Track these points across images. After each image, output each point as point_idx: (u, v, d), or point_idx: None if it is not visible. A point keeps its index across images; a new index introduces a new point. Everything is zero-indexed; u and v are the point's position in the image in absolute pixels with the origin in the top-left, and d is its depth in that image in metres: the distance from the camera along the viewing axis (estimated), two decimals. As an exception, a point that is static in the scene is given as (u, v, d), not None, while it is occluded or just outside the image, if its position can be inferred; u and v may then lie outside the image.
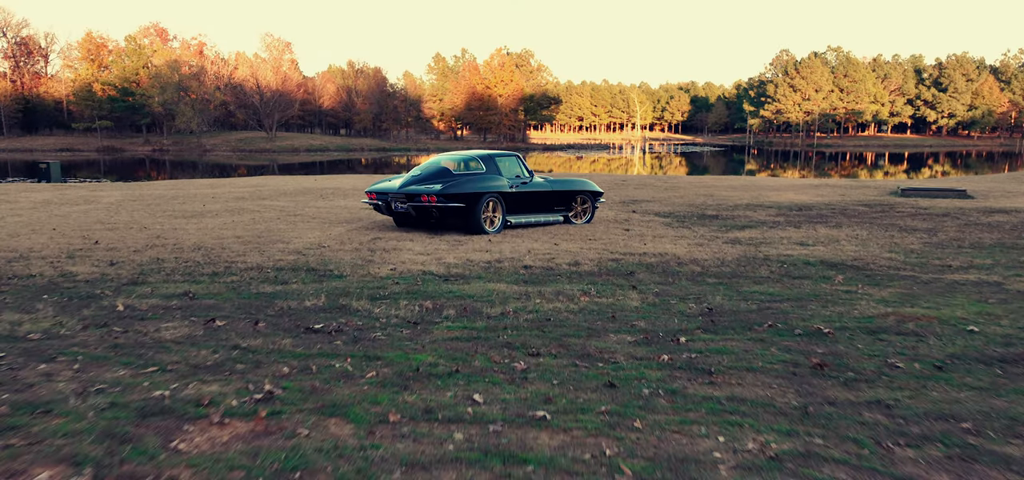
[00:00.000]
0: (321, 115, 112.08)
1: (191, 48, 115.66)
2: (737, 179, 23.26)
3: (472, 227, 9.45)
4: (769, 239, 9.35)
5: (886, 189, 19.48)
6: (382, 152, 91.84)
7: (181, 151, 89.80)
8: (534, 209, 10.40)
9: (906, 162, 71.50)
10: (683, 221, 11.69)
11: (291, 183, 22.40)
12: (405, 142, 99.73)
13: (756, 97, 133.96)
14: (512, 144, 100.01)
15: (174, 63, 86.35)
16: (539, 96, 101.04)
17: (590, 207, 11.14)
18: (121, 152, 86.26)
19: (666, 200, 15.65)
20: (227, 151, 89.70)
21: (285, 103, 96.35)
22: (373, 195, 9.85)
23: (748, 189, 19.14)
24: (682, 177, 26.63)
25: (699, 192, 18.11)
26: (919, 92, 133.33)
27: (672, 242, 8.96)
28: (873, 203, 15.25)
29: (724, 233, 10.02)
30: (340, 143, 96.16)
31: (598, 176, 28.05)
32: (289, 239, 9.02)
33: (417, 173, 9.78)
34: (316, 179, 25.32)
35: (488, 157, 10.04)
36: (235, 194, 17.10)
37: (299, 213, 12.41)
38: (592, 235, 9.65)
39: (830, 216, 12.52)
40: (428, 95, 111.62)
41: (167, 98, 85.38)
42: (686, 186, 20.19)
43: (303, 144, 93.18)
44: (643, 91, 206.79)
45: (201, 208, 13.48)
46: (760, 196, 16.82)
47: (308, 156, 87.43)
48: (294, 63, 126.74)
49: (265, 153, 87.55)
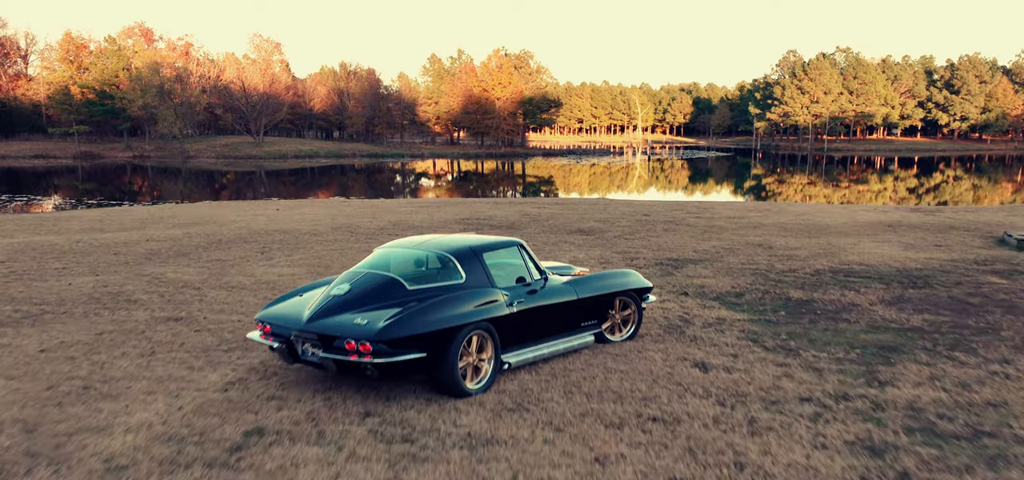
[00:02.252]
0: (312, 118, 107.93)
1: (177, 49, 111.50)
2: (785, 211, 19.14)
3: (442, 384, 5.32)
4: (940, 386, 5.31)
5: (983, 230, 15.38)
6: (374, 158, 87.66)
7: (163, 157, 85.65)
8: (548, 331, 6.17)
9: (951, 169, 65.88)
10: (771, 324, 7.61)
11: (238, 217, 18.29)
12: (399, 146, 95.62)
13: (762, 100, 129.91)
14: (511, 149, 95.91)
15: (155, 65, 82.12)
16: (538, 99, 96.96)
17: (634, 312, 7.02)
18: (100, 158, 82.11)
19: (717, 259, 11.57)
20: (212, 157, 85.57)
21: (273, 106, 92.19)
22: (267, 328, 5.59)
23: (809, 233, 15.04)
24: (715, 206, 22.49)
25: (749, 238, 14.03)
26: (930, 94, 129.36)
27: (791, 410, 4.94)
28: (990, 262, 11.20)
29: (853, 360, 6.05)
30: (331, 148, 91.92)
31: (613, 204, 24.02)
32: (95, 420, 4.91)
33: (345, 288, 5.57)
34: (278, 207, 21.21)
35: (469, 252, 5.88)
36: (126, 249, 12.91)
37: (188, 312, 8.24)
38: (641, 382, 5.60)
39: (972, 305, 8.44)
40: (423, 97, 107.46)
41: (147, 102, 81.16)
42: (727, 226, 16.09)
43: (292, 149, 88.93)
44: (644, 92, 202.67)
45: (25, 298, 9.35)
46: (834, 249, 12.78)
47: (296, 162, 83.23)
48: (285, 64, 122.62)
49: (251, 160, 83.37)
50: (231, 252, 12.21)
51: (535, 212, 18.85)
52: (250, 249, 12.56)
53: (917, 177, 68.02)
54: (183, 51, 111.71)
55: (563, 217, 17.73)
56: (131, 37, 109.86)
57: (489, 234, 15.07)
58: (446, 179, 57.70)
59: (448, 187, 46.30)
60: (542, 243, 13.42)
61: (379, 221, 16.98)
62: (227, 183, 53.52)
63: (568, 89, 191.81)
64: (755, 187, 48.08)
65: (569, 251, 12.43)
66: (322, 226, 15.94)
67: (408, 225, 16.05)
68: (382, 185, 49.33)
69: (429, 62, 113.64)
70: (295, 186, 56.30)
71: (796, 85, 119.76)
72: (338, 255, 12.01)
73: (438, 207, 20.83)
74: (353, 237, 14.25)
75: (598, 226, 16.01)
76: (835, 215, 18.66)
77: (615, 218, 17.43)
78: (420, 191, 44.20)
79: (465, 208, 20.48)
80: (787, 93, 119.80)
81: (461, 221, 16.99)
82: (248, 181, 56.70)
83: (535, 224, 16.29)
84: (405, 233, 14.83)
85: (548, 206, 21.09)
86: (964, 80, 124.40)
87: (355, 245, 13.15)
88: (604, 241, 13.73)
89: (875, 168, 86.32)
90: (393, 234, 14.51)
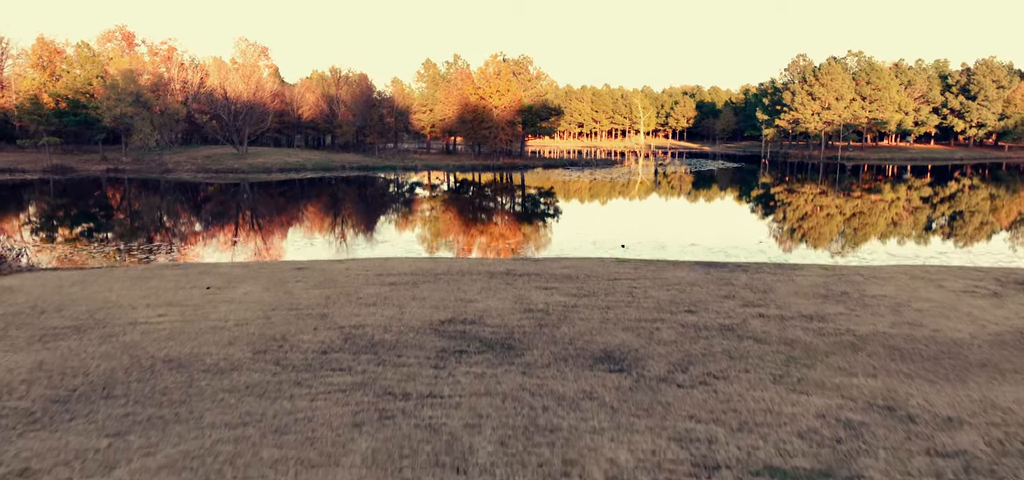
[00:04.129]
0: (300, 127, 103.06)
1: (159, 53, 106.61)
2: (872, 302, 14.55)
3: None
4: None
5: None
6: (364, 170, 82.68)
7: (140, 169, 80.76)
8: None
9: (967, 178, 58.25)
10: None
11: (143, 310, 13.50)
12: (392, 157, 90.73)
13: (771, 105, 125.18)
14: (509, 160, 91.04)
15: (130, 73, 77.17)
16: (538, 106, 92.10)
17: None
18: (73, 172, 77.22)
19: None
20: (192, 169, 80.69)
21: (258, 115, 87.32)
22: None
23: (944, 369, 10.22)
24: (765, 275, 17.87)
25: (865, 390, 9.24)
26: (945, 100, 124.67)
27: None
28: None
29: None
30: (319, 160, 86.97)
31: (641, 274, 19.36)
32: None
33: None
34: (209, 286, 16.40)
35: None
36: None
37: None
38: None
39: None
40: (417, 105, 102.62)
41: (122, 112, 76.22)
42: (810, 336, 11.27)
43: (277, 161, 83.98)
44: (646, 95, 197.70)
45: None
46: (1005, 416, 7.96)
47: (281, 175, 78.27)
48: (274, 70, 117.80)
49: (233, 173, 78.47)
50: (55, 439, 7.38)
51: (541, 302, 14.00)
52: (89, 429, 7.72)
53: (958, 191, 62.96)
54: (166, 55, 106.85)
55: (579, 315, 12.90)
56: (111, 41, 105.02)
57: (477, 357, 10.20)
58: (437, 202, 52.76)
59: (435, 221, 41.58)
60: (547, 397, 8.63)
61: (328, 325, 12.24)
62: (201, 202, 48.23)
63: (568, 92, 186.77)
64: (784, 216, 43.21)
65: (593, 424, 7.59)
66: (245, 340, 11.12)
67: (362, 338, 11.29)
68: (364, 213, 44.38)
69: (424, 67, 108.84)
70: (274, 203, 51.48)
71: (806, 91, 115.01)
72: (232, 445, 7.22)
73: (413, 286, 15.95)
74: (281, 370, 9.49)
75: (629, 343, 11.19)
76: (947, 311, 13.81)
77: (649, 312, 12.63)
78: (403, 222, 39.34)
79: (447, 289, 15.63)
80: (797, 99, 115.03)
81: (438, 327, 12.19)
82: (222, 203, 51.75)
83: (541, 334, 11.49)
84: (355, 359, 10.08)
85: (556, 285, 16.20)
86: (981, 85, 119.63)
87: (270, 405, 8.37)
88: (646, 388, 8.92)
89: (889, 177, 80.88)
90: (337, 359, 9.82)
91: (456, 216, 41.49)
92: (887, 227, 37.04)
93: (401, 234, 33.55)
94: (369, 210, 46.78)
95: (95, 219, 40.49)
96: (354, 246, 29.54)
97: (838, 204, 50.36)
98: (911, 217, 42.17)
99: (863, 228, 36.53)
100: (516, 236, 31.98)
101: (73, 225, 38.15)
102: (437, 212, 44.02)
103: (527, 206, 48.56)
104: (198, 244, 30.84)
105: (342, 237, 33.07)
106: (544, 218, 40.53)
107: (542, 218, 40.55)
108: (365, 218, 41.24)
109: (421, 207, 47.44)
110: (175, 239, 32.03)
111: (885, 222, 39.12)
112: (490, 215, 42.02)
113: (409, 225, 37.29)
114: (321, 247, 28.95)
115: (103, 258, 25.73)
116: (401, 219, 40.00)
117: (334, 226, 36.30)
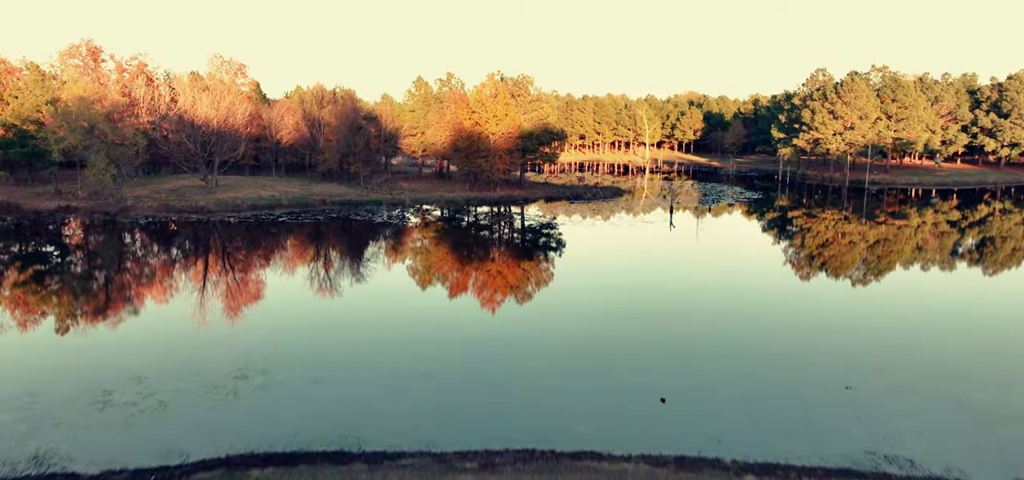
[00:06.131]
0: (279, 152, 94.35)
1: (128, 71, 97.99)
2: None
3: None
4: None
5: None
6: (346, 206, 73.92)
7: (96, 206, 72.22)
8: None
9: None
10: None
11: None
12: (378, 188, 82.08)
13: (788, 123, 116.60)
14: (508, 191, 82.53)
15: (84, 100, 68.56)
16: (539, 132, 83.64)
17: None
18: (17, 210, 68.70)
19: None
20: (154, 205, 72.13)
21: (229, 143, 78.71)
22: None
23: None
24: None
25: None
26: (975, 117, 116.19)
27: None
28: None
29: None
30: (297, 193, 78.19)
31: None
32: None
33: None
34: None
35: None
36: None
37: None
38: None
39: None
40: (407, 128, 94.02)
41: (73, 143, 67.67)
42: None
43: (249, 196, 75.24)
44: (650, 105, 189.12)
45: None
46: None
47: (252, 213, 69.54)
48: (254, 86, 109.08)
49: (198, 212, 69.75)
50: None
51: None
52: None
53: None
54: (136, 72, 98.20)
55: None
56: (75, 57, 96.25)
57: None
58: (416, 267, 43.89)
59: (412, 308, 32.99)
60: None
61: None
62: (134, 266, 38.29)
63: (569, 103, 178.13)
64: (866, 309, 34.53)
65: None
66: None
67: None
68: (328, 274, 35.69)
69: (415, 86, 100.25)
70: (230, 256, 42.44)
71: (828, 108, 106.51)
72: None
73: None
74: None
75: None
76: None
77: None
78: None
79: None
80: (817, 118, 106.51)
81: None
82: (170, 258, 42.98)
83: None
84: None
85: None
86: (1015, 102, 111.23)
87: None
88: None
89: (937, 207, 71.82)
90: None
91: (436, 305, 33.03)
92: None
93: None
94: (334, 287, 38.16)
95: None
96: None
97: (935, 282, 41.86)
98: None
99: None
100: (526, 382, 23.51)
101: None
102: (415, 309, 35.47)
103: (532, 308, 40.04)
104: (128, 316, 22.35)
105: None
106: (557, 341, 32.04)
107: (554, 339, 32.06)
108: (323, 314, 32.70)
109: (403, 287, 38.81)
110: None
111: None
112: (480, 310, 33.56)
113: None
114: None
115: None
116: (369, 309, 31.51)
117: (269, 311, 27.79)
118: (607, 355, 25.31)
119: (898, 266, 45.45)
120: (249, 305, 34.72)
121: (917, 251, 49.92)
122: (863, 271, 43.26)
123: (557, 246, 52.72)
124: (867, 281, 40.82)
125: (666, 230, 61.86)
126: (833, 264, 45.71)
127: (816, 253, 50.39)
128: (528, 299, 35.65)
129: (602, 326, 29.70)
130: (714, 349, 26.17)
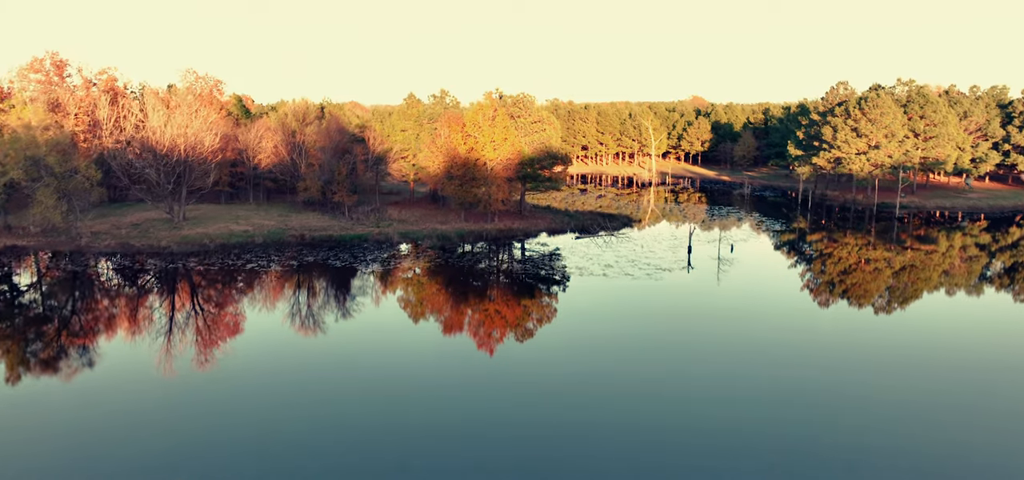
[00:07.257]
0: (257, 178, 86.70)
1: (97, 85, 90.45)
2: None
3: None
4: None
5: None
6: (327, 241, 66.13)
7: (49, 244, 64.62)
8: None
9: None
10: None
11: None
12: (364, 219, 74.42)
13: (806, 140, 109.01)
14: (505, 225, 74.96)
15: (30, 131, 61.00)
16: (541, 156, 76.15)
17: None
18: (-43, 250, 61.22)
19: None
20: (112, 243, 64.56)
21: (198, 171, 71.15)
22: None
23: None
24: None
25: None
26: (1008, 133, 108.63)
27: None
28: None
29: None
30: (273, 226, 70.55)
31: None
32: None
33: None
34: None
35: None
36: None
37: None
38: None
39: None
40: (398, 150, 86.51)
41: (16, 177, 60.17)
42: None
43: (220, 231, 67.60)
44: (655, 114, 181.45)
45: None
46: None
47: (219, 256, 61.66)
48: (234, 101, 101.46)
49: (158, 254, 61.98)
50: None
51: None
52: None
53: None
54: (106, 86, 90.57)
55: None
56: (37, 72, 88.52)
57: None
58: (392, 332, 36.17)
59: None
60: None
61: None
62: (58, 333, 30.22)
63: (570, 112, 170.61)
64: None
65: None
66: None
67: None
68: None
69: (407, 103, 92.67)
70: (175, 326, 33.54)
71: (851, 125, 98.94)
72: None
73: None
74: None
75: None
76: None
77: None
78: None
79: None
80: (839, 135, 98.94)
81: None
82: (111, 317, 34.78)
83: None
84: None
85: None
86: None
87: None
88: None
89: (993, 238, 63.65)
90: None
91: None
92: None
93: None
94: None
95: None
96: None
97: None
98: None
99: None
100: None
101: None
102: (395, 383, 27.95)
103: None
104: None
105: None
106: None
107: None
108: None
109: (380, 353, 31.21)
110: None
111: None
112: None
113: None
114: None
115: None
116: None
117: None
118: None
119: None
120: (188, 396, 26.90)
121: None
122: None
123: (565, 305, 45.06)
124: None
125: (684, 275, 54.44)
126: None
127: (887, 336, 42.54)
128: (528, 378, 28.05)
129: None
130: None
